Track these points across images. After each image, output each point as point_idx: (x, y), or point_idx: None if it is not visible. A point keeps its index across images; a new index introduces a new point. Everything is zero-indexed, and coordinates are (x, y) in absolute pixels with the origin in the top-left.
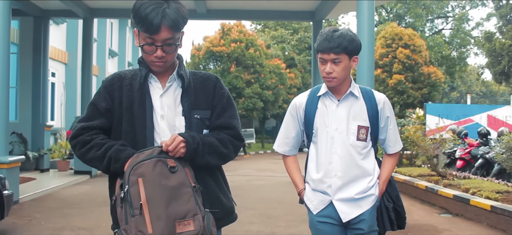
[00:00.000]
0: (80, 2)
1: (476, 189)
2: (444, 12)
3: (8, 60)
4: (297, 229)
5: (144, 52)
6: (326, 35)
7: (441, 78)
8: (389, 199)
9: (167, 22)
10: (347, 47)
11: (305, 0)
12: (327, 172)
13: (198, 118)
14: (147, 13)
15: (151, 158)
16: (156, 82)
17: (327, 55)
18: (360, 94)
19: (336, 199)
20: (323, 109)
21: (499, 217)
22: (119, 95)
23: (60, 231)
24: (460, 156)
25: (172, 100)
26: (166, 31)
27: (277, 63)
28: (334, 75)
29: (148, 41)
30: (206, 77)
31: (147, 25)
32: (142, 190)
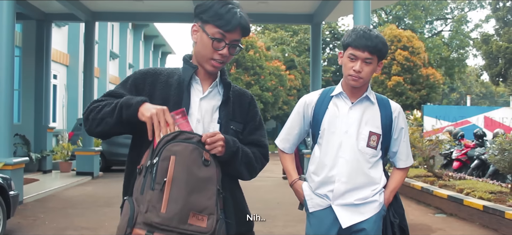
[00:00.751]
0: (82, 6)
1: (470, 190)
2: (443, 14)
3: (13, 65)
4: (294, 229)
5: (211, 47)
6: (364, 32)
7: (440, 79)
8: (395, 215)
9: (243, 24)
10: (381, 49)
11: (304, 2)
12: (330, 176)
13: (233, 129)
14: (227, 9)
15: (190, 143)
16: (198, 84)
17: (361, 53)
18: (375, 100)
19: (336, 204)
20: (334, 110)
21: (491, 217)
22: (150, 90)
23: (64, 231)
24: (456, 157)
25: (210, 106)
26: (237, 33)
27: (277, 65)
28: (362, 75)
29: (218, 37)
30: (243, 92)
31: (225, 21)
32: (171, 167)
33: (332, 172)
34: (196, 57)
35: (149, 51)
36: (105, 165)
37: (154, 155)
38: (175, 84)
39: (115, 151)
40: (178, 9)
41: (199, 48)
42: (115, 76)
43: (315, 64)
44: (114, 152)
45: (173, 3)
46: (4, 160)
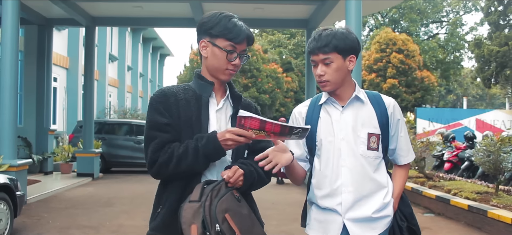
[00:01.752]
0: (83, 11)
1: (457, 190)
2: (439, 17)
3: (17, 70)
4: (287, 227)
5: (225, 59)
6: (314, 36)
7: (434, 82)
8: (402, 218)
9: (249, 35)
10: (337, 45)
11: (299, 8)
12: (335, 188)
13: None
14: (234, 23)
15: (225, 194)
16: (212, 98)
17: (316, 56)
18: (366, 98)
19: (348, 219)
20: (326, 118)
21: (475, 216)
22: (176, 110)
23: (67, 229)
24: (447, 159)
25: (224, 117)
26: (245, 44)
27: (274, 67)
28: (326, 77)
29: (230, 49)
30: (248, 103)
31: (235, 34)
32: (233, 224)
33: (337, 183)
34: (209, 70)
35: (147, 53)
36: (105, 166)
37: (211, 225)
38: (193, 101)
39: (114, 153)
40: (176, 14)
41: (212, 61)
42: (114, 78)
43: (310, 68)
44: (113, 154)
45: (172, 9)
46: (9, 162)
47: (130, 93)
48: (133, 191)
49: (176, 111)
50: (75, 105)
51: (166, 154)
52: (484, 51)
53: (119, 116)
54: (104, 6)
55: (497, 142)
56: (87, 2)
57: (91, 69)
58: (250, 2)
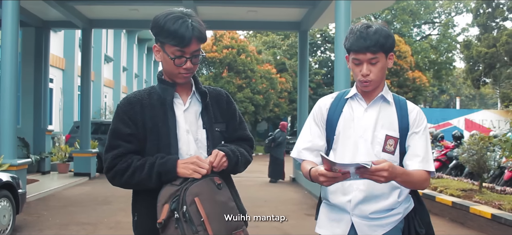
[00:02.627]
0: (80, 14)
1: (443, 187)
2: (431, 18)
3: (17, 73)
4: (279, 223)
5: (174, 65)
6: (360, 33)
7: (426, 82)
8: (421, 225)
9: (197, 35)
10: (384, 44)
11: (291, 11)
12: (347, 185)
13: (218, 131)
14: (177, 27)
15: (204, 179)
16: (177, 98)
17: (363, 55)
18: (392, 100)
19: (356, 215)
20: (349, 113)
21: (458, 212)
22: (141, 117)
23: (67, 226)
24: (436, 158)
25: (193, 115)
26: (195, 44)
27: (267, 68)
28: (371, 77)
29: (177, 54)
30: (218, 92)
31: (178, 38)
32: (200, 207)
33: (349, 181)
34: (165, 74)
35: (142, 54)
36: (101, 166)
37: (180, 206)
38: (157, 105)
39: None
40: None
41: (165, 66)
42: (109, 79)
43: (303, 69)
44: None
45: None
46: (9, 161)
47: (125, 94)
48: (129, 190)
49: (141, 118)
50: (71, 106)
51: (125, 163)
52: (473, 53)
53: None
54: (101, 9)
55: (479, 141)
56: (84, 6)
57: (88, 71)
58: (244, 5)
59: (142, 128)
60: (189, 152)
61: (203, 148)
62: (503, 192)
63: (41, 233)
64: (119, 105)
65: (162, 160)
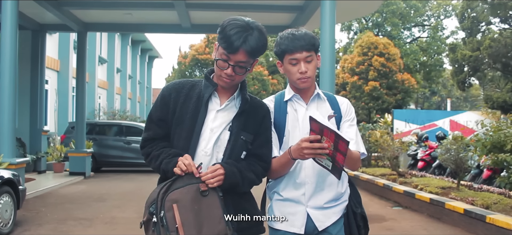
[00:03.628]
0: (75, 17)
1: (424, 185)
2: (421, 20)
3: (15, 75)
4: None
5: (217, 66)
6: (293, 35)
7: (414, 84)
8: (356, 205)
9: (246, 48)
10: (314, 43)
11: (281, 15)
12: (299, 180)
13: (243, 139)
14: (231, 33)
15: (184, 186)
16: (216, 98)
17: (300, 54)
18: (324, 97)
19: (311, 207)
20: (293, 113)
21: (436, 208)
22: (173, 106)
23: (65, 221)
24: (421, 158)
25: (226, 117)
26: (242, 55)
27: (259, 70)
28: (309, 74)
29: (224, 58)
30: (260, 104)
31: (228, 44)
32: (177, 214)
33: (301, 175)
34: (214, 73)
35: (136, 55)
36: (95, 166)
37: (159, 210)
38: (194, 98)
39: (105, 153)
40: (165, 21)
41: (214, 65)
42: (103, 80)
43: None
44: (104, 154)
45: (160, 15)
46: (8, 160)
47: (119, 95)
48: (123, 188)
49: (173, 106)
50: (65, 107)
51: (149, 148)
52: (458, 56)
53: (109, 117)
54: (96, 13)
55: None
56: (79, 10)
57: (83, 73)
58: (234, 10)
59: (172, 114)
60: (206, 149)
61: (222, 149)
62: (480, 190)
63: (41, 228)
64: (162, 88)
65: (169, 159)
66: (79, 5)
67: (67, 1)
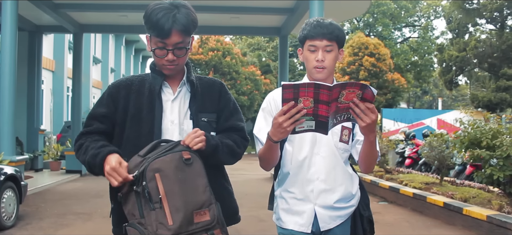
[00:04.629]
0: (71, 19)
1: (408, 181)
2: (411, 21)
3: (15, 76)
4: (256, 212)
5: (156, 56)
6: (317, 22)
7: (404, 84)
8: (364, 208)
9: (178, 27)
10: (338, 35)
11: (272, 17)
12: (308, 176)
13: (205, 121)
14: (158, 18)
15: (166, 153)
16: (167, 88)
17: (320, 42)
18: None
19: (319, 205)
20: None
21: (418, 202)
22: (124, 103)
23: (64, 215)
24: (408, 155)
25: (182, 105)
26: (177, 36)
27: (252, 70)
28: (325, 64)
29: (160, 45)
30: (212, 82)
31: (158, 30)
32: (160, 184)
33: (310, 171)
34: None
35: (130, 55)
36: None
37: (140, 181)
38: (146, 93)
39: None
40: None
41: (153, 57)
42: (97, 80)
43: (283, 71)
44: None
45: None
46: (9, 158)
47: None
48: None
49: (124, 103)
50: (60, 106)
51: (82, 140)
52: (445, 56)
53: None
54: (92, 15)
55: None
56: (76, 12)
57: (79, 73)
58: (227, 13)
59: (123, 113)
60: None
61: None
62: (462, 185)
63: (42, 221)
64: (109, 86)
65: (96, 151)
66: (75, 7)
67: (64, 3)
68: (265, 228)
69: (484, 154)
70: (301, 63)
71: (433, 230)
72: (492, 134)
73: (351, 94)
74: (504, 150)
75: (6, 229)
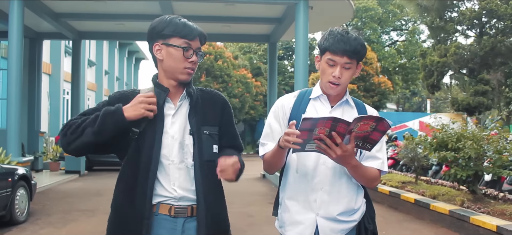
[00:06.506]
0: (70, 27)
1: (386, 180)
2: (399, 25)
3: (20, 83)
4: (246, 209)
5: (183, 57)
6: (342, 36)
7: (390, 87)
8: (369, 221)
9: (201, 33)
10: (360, 51)
11: (261, 26)
12: (313, 185)
13: (207, 134)
14: (184, 22)
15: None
16: (169, 102)
17: (340, 58)
18: (353, 104)
19: (321, 216)
20: (313, 113)
21: (394, 199)
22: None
23: (70, 212)
24: (390, 156)
25: (183, 119)
26: (197, 42)
27: (243, 73)
28: (341, 81)
29: (185, 46)
30: (214, 94)
31: (187, 31)
32: None
33: (315, 180)
34: (166, 73)
35: (123, 57)
36: (88, 165)
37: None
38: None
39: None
40: None
41: (169, 62)
42: (92, 83)
43: (272, 76)
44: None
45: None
46: (16, 159)
47: (107, 96)
48: None
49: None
50: (57, 109)
51: (79, 119)
52: (427, 61)
53: None
54: (90, 23)
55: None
56: (75, 21)
57: (78, 77)
58: (218, 22)
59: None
60: (171, 158)
61: (190, 154)
62: (435, 184)
63: (50, 217)
64: (110, 95)
65: (105, 112)
66: (75, 16)
67: (64, 13)
68: (253, 222)
69: (449, 155)
70: (291, 65)
71: (404, 224)
72: (456, 138)
73: (365, 125)
74: (466, 152)
75: (20, 223)
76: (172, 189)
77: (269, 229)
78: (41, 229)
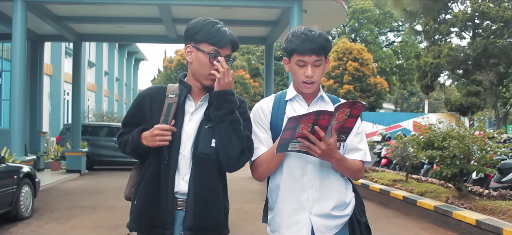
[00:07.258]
0: (71, 29)
1: (378, 178)
2: (396, 26)
3: (24, 86)
4: (241, 206)
5: (209, 63)
6: (306, 36)
7: (386, 87)
8: (361, 214)
9: (233, 40)
10: (326, 47)
11: (258, 28)
12: (302, 184)
13: (207, 127)
14: (217, 28)
15: None
16: (190, 101)
17: (309, 57)
18: (328, 99)
19: (314, 214)
20: (292, 113)
21: (384, 196)
22: (149, 111)
23: (72, 209)
24: (384, 156)
25: (199, 117)
26: (228, 49)
27: (241, 74)
28: (315, 79)
29: (213, 53)
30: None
31: (218, 38)
32: None
33: (304, 179)
34: (193, 75)
35: (123, 58)
36: (89, 164)
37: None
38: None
39: (97, 153)
40: (153, 32)
41: (196, 66)
42: (92, 83)
43: (268, 77)
44: (96, 153)
45: (149, 28)
46: (20, 158)
47: (107, 97)
48: (117, 184)
49: (149, 110)
50: (58, 109)
51: (122, 138)
52: (421, 62)
53: (98, 119)
54: (91, 26)
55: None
56: (76, 23)
57: (79, 79)
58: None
59: (150, 120)
60: (184, 152)
61: (189, 143)
62: (425, 181)
63: (53, 213)
64: (139, 93)
65: (132, 136)
66: (76, 19)
67: (65, 16)
68: (248, 218)
69: (435, 154)
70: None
71: (392, 220)
72: (442, 137)
73: (341, 114)
74: (451, 150)
75: (24, 219)
76: (182, 181)
77: (263, 225)
78: (45, 224)
